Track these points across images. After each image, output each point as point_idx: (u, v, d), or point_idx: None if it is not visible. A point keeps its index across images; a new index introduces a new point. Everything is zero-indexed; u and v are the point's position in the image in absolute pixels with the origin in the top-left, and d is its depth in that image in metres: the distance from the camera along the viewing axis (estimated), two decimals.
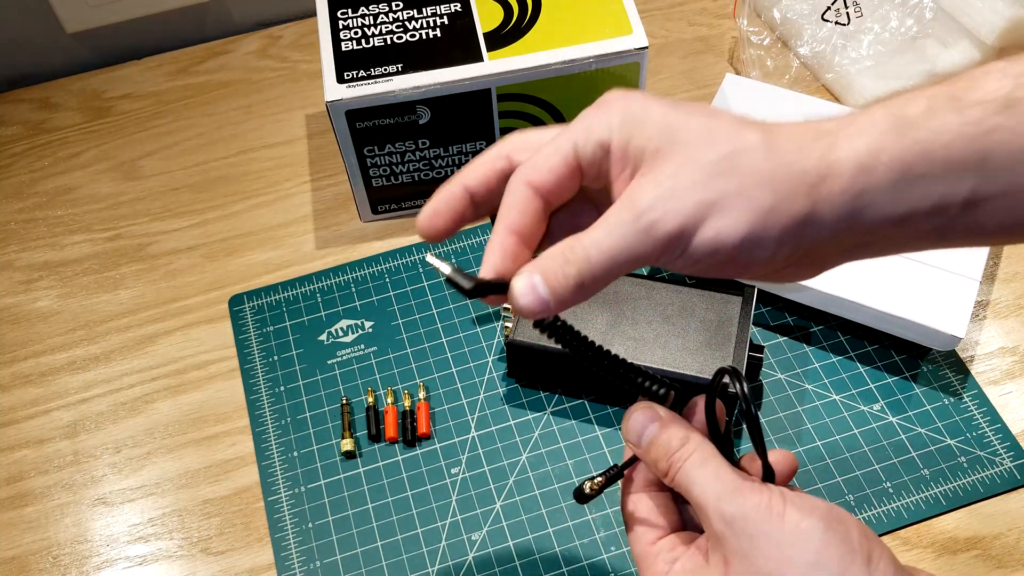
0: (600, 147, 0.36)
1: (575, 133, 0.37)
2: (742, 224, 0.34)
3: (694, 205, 0.34)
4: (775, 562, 0.35)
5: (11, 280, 0.74)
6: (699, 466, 0.38)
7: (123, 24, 0.87)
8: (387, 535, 0.60)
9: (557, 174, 0.37)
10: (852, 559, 0.35)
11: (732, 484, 0.37)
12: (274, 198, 0.78)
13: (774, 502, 0.36)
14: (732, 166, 0.34)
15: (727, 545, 0.36)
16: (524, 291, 0.35)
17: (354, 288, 0.71)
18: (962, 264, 0.64)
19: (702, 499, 0.37)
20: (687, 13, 0.88)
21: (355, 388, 0.66)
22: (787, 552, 0.35)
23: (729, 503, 0.36)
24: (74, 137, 0.83)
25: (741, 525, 0.36)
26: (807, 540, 0.35)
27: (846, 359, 0.66)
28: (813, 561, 0.34)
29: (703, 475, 0.37)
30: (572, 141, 0.37)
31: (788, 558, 0.35)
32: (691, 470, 0.38)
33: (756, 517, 0.36)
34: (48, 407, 0.67)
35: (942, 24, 0.78)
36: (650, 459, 0.40)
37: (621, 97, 0.37)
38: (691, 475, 0.38)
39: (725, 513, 0.36)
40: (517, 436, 0.64)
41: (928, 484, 0.60)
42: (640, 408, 0.40)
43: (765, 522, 0.35)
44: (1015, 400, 0.64)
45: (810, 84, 0.81)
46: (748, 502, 0.36)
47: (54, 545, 0.61)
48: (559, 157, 0.37)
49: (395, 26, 0.69)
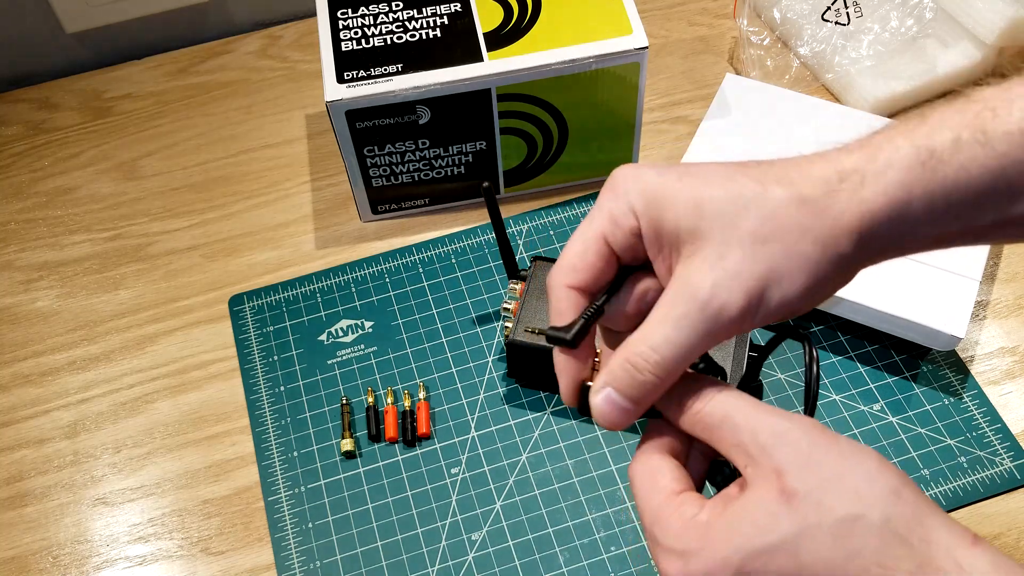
0: (631, 234, 0.37)
1: (601, 224, 0.37)
2: (799, 283, 0.35)
3: (753, 280, 0.35)
4: (838, 468, 0.34)
5: (11, 280, 0.74)
6: (736, 397, 0.36)
7: (123, 24, 0.87)
8: (387, 535, 0.60)
9: (595, 270, 0.38)
10: (904, 478, 0.34)
11: (778, 410, 0.36)
12: (274, 198, 0.78)
13: (825, 427, 0.35)
14: (772, 231, 0.35)
15: (780, 455, 0.34)
16: (604, 409, 0.36)
17: (354, 288, 0.71)
18: (962, 264, 0.64)
19: (748, 417, 0.35)
20: (687, 13, 0.88)
21: (355, 388, 0.66)
22: (848, 461, 0.34)
23: (782, 419, 0.35)
24: (74, 137, 0.83)
25: (797, 435, 0.34)
26: (866, 456, 0.34)
27: (846, 359, 0.66)
28: (876, 470, 0.34)
29: (742, 402, 0.36)
30: (601, 233, 0.37)
31: (850, 465, 0.34)
32: (727, 399, 0.36)
33: (814, 432, 0.35)
34: (48, 407, 0.67)
35: (942, 24, 0.78)
36: (673, 397, 0.38)
37: (632, 176, 0.37)
38: (726, 402, 0.36)
39: (778, 425, 0.35)
40: (517, 436, 0.64)
41: (928, 484, 0.60)
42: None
43: (822, 436, 0.34)
44: (1015, 400, 0.64)
45: (810, 84, 0.81)
46: (801, 420, 0.35)
47: (54, 545, 0.61)
48: (593, 253, 0.38)
49: (395, 26, 0.69)
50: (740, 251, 0.35)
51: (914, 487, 0.34)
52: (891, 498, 0.33)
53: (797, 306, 0.36)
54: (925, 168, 0.34)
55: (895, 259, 0.38)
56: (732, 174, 0.36)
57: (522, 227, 0.74)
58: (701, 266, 0.35)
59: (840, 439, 0.35)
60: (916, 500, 0.33)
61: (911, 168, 0.35)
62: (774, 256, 0.35)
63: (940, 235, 0.36)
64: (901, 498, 0.33)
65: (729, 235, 0.35)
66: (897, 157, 0.35)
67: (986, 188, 0.34)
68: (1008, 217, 0.35)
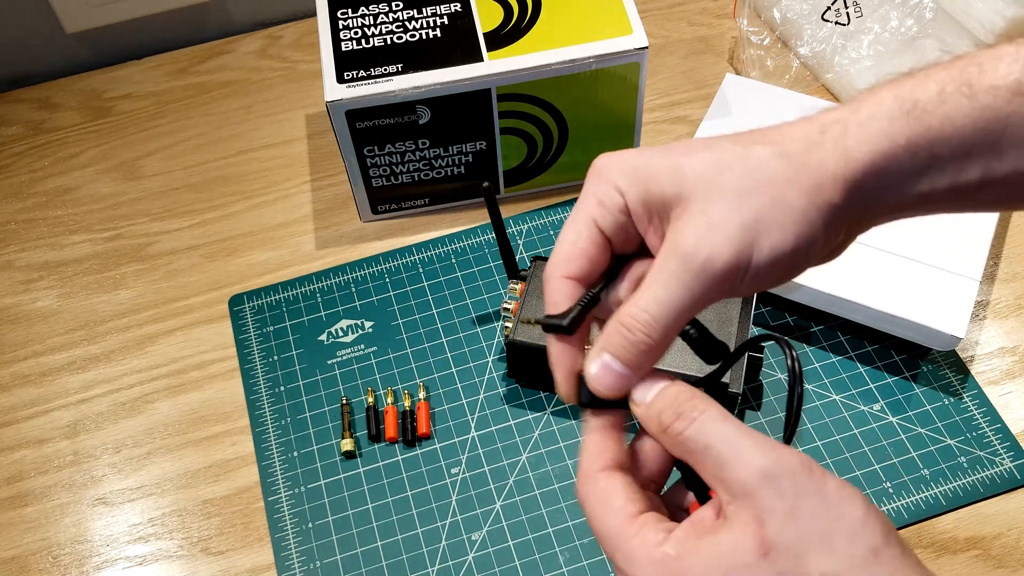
0: (620, 212, 0.37)
1: (588, 209, 0.37)
2: (790, 233, 0.34)
3: (738, 231, 0.34)
4: (821, 523, 0.32)
5: (11, 280, 0.74)
6: (719, 420, 0.34)
7: (123, 24, 0.87)
8: (387, 535, 0.60)
9: (588, 256, 0.37)
10: (890, 529, 0.33)
11: (767, 442, 0.34)
12: (274, 198, 0.78)
13: (814, 465, 0.33)
14: (755, 182, 0.34)
15: (762, 502, 0.32)
16: (600, 375, 0.35)
17: (354, 288, 0.71)
18: (962, 264, 0.64)
19: (730, 452, 0.33)
20: (687, 13, 0.88)
21: (355, 388, 0.66)
22: (837, 510, 0.32)
23: (767, 457, 0.33)
24: (74, 137, 0.83)
25: (784, 482, 0.32)
26: (851, 506, 0.32)
27: (846, 359, 0.66)
28: (859, 526, 0.32)
29: (727, 429, 0.34)
30: (590, 218, 0.37)
31: (833, 520, 0.32)
32: (707, 423, 0.34)
33: (801, 475, 0.33)
34: (48, 407, 0.67)
35: (942, 24, 0.78)
36: (652, 411, 0.36)
37: (614, 160, 0.37)
38: (708, 428, 0.34)
39: (764, 467, 0.33)
40: (517, 436, 0.64)
41: (928, 484, 0.60)
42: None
43: (808, 481, 0.33)
44: (1015, 400, 0.64)
45: (810, 84, 0.81)
46: (789, 459, 0.33)
47: (54, 545, 0.61)
48: (585, 239, 0.37)
49: (395, 26, 0.69)
50: (725, 203, 0.34)
51: (896, 543, 0.33)
52: (868, 558, 0.32)
53: (791, 261, 0.34)
54: (909, 118, 0.34)
55: (895, 259, 0.38)
56: (711, 142, 0.36)
57: (522, 227, 0.74)
58: (686, 224, 0.34)
59: (828, 482, 0.33)
60: (894, 559, 0.32)
61: (894, 118, 0.34)
62: (760, 206, 0.34)
63: (928, 192, 0.35)
64: (879, 558, 0.32)
65: (712, 191, 0.34)
66: (880, 109, 0.35)
67: (971, 140, 0.34)
68: (994, 175, 0.34)
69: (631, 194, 0.36)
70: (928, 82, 0.35)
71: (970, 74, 0.34)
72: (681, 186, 0.35)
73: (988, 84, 0.34)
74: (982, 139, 0.34)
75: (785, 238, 0.34)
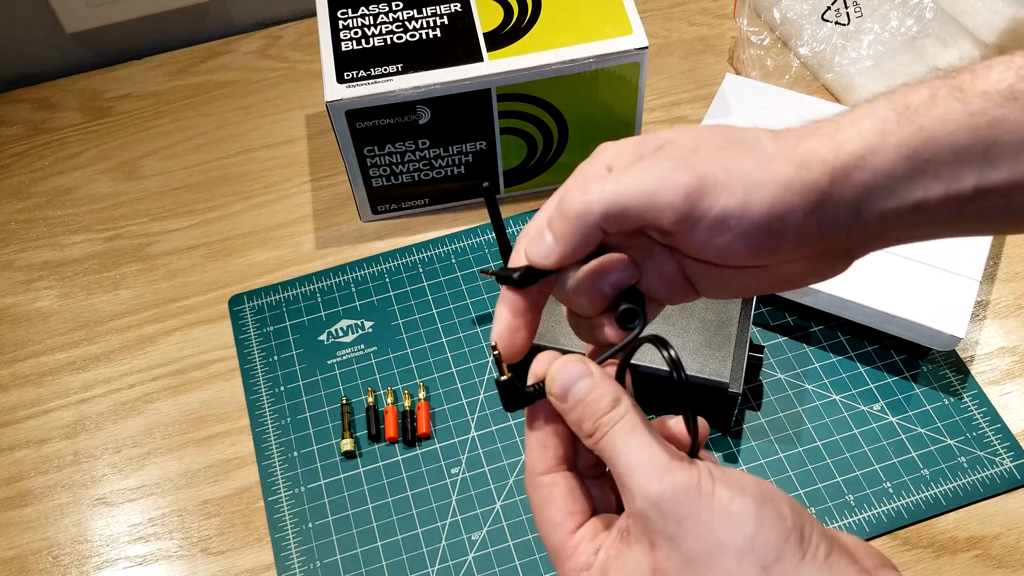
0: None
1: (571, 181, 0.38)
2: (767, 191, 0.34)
3: (715, 167, 0.34)
4: (706, 545, 0.32)
5: (11, 280, 0.74)
6: (627, 434, 0.35)
7: (123, 24, 0.87)
8: (387, 535, 0.60)
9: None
10: (786, 538, 0.33)
11: (660, 459, 0.34)
12: (274, 198, 0.78)
13: (703, 481, 0.33)
14: (746, 144, 0.35)
15: (652, 526, 0.33)
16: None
17: (354, 288, 0.71)
18: (962, 264, 0.64)
19: (626, 473, 0.34)
20: (687, 13, 0.88)
21: (355, 388, 0.66)
22: (718, 535, 0.32)
23: (656, 480, 0.33)
24: (74, 137, 0.83)
25: (669, 506, 0.33)
26: (740, 522, 0.33)
27: (846, 359, 0.66)
28: (747, 544, 0.32)
29: (629, 445, 0.35)
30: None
31: (719, 541, 0.32)
32: (618, 437, 0.35)
33: (684, 497, 0.33)
34: (48, 407, 0.67)
35: (942, 24, 0.78)
36: (574, 416, 0.36)
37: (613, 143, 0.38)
38: (617, 443, 0.35)
39: (651, 492, 0.33)
40: (517, 436, 0.64)
41: (928, 484, 0.60)
42: (572, 359, 0.37)
43: (694, 502, 0.33)
44: (1015, 400, 0.64)
45: (810, 84, 0.81)
46: (676, 480, 0.33)
47: (54, 545, 0.61)
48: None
49: (395, 26, 0.69)
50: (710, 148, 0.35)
51: (792, 554, 0.33)
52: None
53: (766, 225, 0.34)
54: (901, 118, 0.34)
55: (895, 259, 0.37)
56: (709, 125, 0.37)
57: (522, 227, 0.74)
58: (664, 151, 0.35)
59: (716, 498, 0.33)
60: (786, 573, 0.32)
61: (886, 119, 0.34)
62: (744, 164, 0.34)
63: (922, 201, 0.34)
64: (770, 574, 0.32)
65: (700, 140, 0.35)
66: (873, 111, 0.35)
67: (962, 144, 0.33)
68: (989, 184, 0.34)
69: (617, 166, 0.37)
70: (921, 88, 0.35)
71: (962, 80, 0.34)
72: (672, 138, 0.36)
73: (980, 89, 0.34)
74: (974, 144, 0.33)
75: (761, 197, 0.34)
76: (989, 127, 0.33)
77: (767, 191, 0.34)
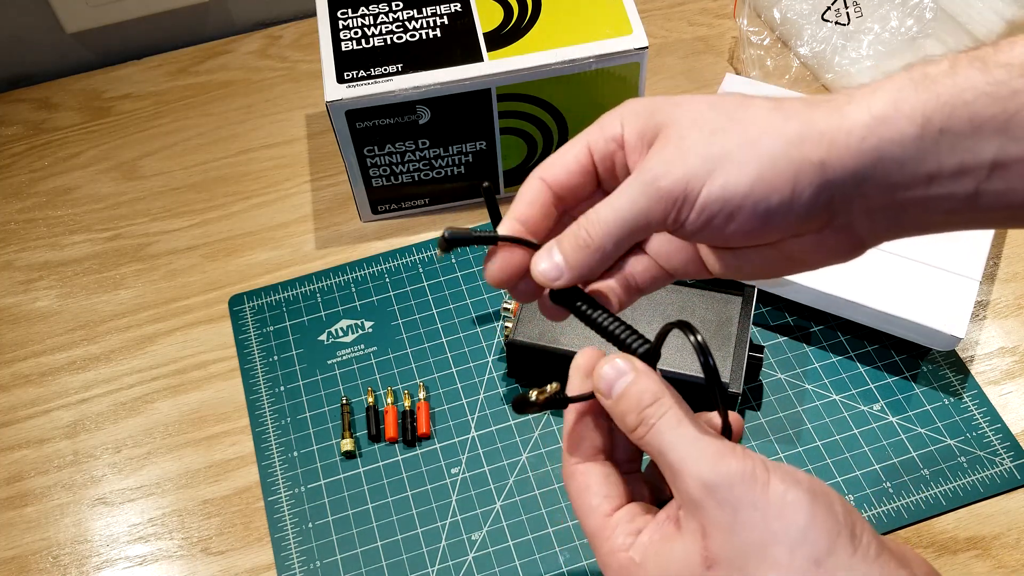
0: (612, 141, 0.38)
1: (590, 133, 0.39)
2: (749, 170, 0.34)
3: (698, 160, 0.35)
4: (759, 535, 0.32)
5: (11, 280, 0.74)
6: (675, 426, 0.35)
7: (123, 24, 0.87)
8: (387, 535, 0.60)
9: (569, 171, 0.39)
10: (838, 532, 0.32)
11: (713, 448, 0.34)
12: (274, 198, 0.78)
13: (758, 471, 0.33)
14: (736, 120, 0.35)
15: (706, 514, 0.33)
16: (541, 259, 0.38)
17: (354, 288, 0.71)
18: (962, 264, 0.64)
19: (678, 462, 0.34)
20: (687, 13, 0.88)
21: (355, 388, 0.66)
22: (773, 525, 0.32)
23: (710, 469, 0.33)
24: (74, 137, 0.83)
25: (724, 494, 0.33)
26: (794, 513, 0.32)
27: (846, 359, 0.66)
28: (800, 535, 0.32)
29: (679, 436, 0.35)
30: (586, 140, 0.39)
31: (774, 532, 0.32)
32: (665, 430, 0.35)
33: (740, 486, 0.33)
34: (48, 407, 0.67)
35: (942, 24, 0.78)
36: (618, 411, 0.36)
37: (634, 100, 0.39)
38: (665, 435, 0.35)
39: (706, 479, 0.33)
40: (517, 436, 0.64)
41: (928, 484, 0.60)
42: (615, 356, 0.38)
43: (749, 492, 0.33)
44: (1015, 400, 0.64)
45: (810, 84, 0.81)
46: (731, 468, 0.33)
47: (54, 545, 0.61)
48: (571, 154, 0.39)
49: (395, 26, 0.69)
50: (698, 135, 0.35)
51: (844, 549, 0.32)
52: (809, 569, 0.32)
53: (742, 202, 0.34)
54: (918, 86, 0.33)
55: (895, 259, 0.37)
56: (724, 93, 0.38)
57: None
58: (657, 148, 0.36)
59: (771, 489, 0.33)
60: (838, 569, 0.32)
61: (902, 87, 0.33)
62: (728, 144, 0.34)
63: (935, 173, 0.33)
64: (821, 568, 0.32)
65: (695, 124, 0.36)
66: (890, 82, 0.34)
67: (982, 114, 0.32)
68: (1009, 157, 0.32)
69: (632, 126, 0.37)
70: (941, 60, 0.34)
71: (984, 52, 0.33)
72: (673, 118, 0.36)
73: (1003, 61, 0.32)
74: (994, 114, 0.32)
75: (741, 179, 0.34)
76: (1011, 97, 0.32)
77: (748, 170, 0.34)
